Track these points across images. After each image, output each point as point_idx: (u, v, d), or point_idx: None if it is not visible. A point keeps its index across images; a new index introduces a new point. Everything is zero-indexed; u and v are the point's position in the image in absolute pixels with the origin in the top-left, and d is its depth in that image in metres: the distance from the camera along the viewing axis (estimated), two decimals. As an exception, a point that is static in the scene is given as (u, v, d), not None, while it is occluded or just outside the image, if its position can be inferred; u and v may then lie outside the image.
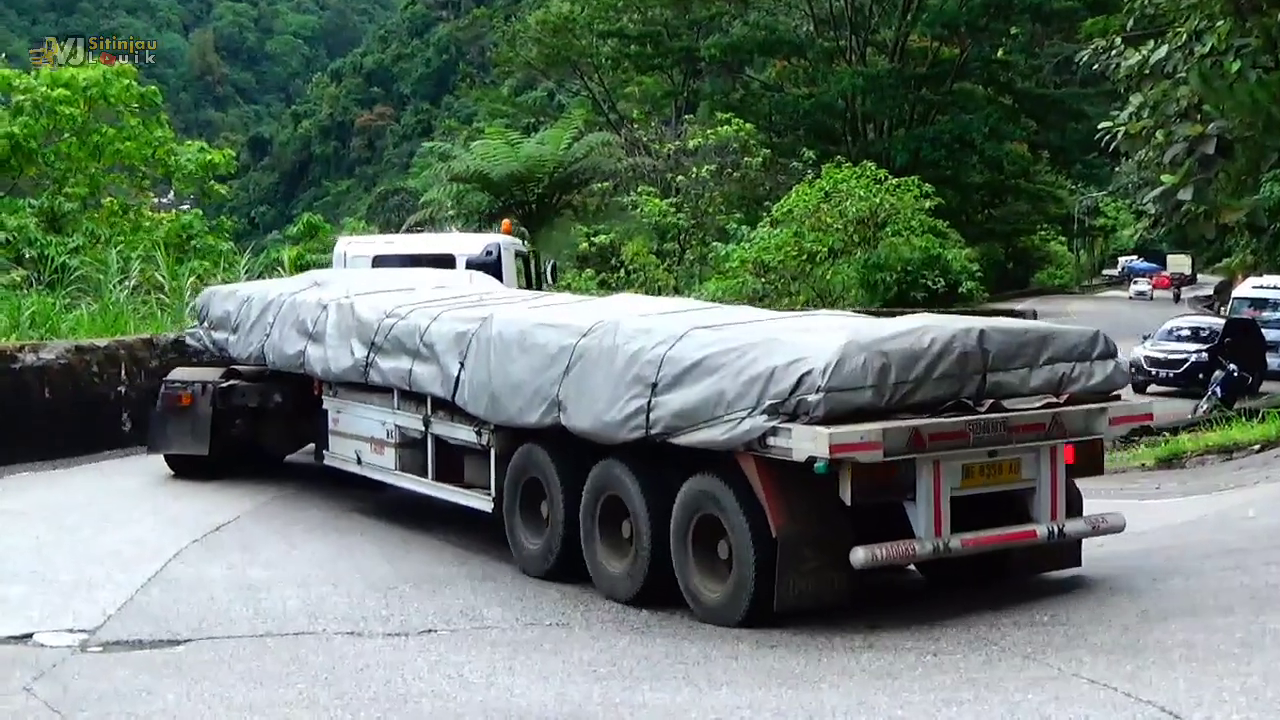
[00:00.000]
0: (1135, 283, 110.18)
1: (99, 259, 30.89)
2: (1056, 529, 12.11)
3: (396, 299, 17.35)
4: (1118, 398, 12.79)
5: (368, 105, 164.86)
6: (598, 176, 51.52)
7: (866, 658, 10.42)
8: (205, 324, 21.05)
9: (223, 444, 19.59)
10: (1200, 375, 38.10)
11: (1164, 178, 31.14)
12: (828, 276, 55.12)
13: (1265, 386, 37.75)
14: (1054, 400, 12.12)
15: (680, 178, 60.65)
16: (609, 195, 55.42)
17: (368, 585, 13.61)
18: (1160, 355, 41.03)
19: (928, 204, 57.88)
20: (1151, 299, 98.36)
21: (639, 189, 58.56)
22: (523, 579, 13.86)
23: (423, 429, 15.97)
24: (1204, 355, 38.96)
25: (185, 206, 49.69)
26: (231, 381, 19.74)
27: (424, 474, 16.05)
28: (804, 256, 54.52)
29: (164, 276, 29.95)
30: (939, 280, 55.19)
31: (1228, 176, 31.35)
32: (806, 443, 10.91)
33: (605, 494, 13.00)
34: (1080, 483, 12.98)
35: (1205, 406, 32.93)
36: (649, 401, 12.21)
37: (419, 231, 40.31)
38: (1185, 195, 30.40)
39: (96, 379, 22.24)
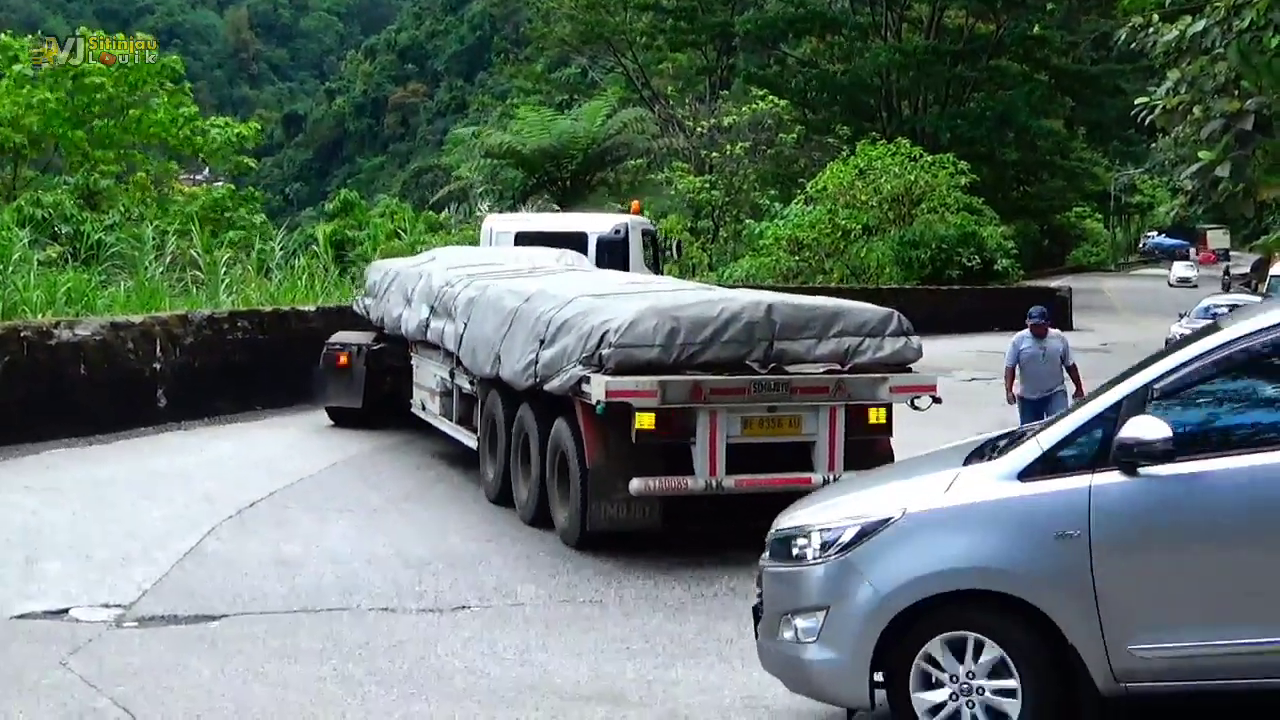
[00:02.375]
0: (1175, 265, 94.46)
1: (135, 235, 30.97)
2: (832, 478, 13.20)
3: (466, 270, 19.43)
4: (909, 370, 14.38)
5: (401, 82, 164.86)
6: (632, 153, 51.47)
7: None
8: (364, 293, 23.66)
9: (373, 398, 22.19)
10: None
11: (1201, 154, 30.86)
12: (862, 254, 55.02)
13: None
14: (836, 368, 13.87)
15: (714, 155, 60.55)
16: (643, 172, 55.35)
17: (402, 562, 13.65)
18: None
19: (962, 181, 57.69)
20: (1196, 286, 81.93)
21: (673, 166, 58.50)
22: (557, 557, 13.89)
23: (450, 380, 18.48)
24: None
25: (219, 184, 49.86)
26: (381, 344, 22.21)
27: (450, 418, 18.67)
28: (838, 234, 54.43)
29: (199, 252, 30.03)
30: (974, 258, 55.02)
31: (1265, 153, 31.13)
32: (597, 389, 13.17)
33: (523, 433, 15.39)
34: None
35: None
36: (536, 355, 14.56)
37: (517, 210, 41.31)
38: (1223, 172, 30.12)
39: (132, 355, 22.31)
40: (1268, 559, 7.31)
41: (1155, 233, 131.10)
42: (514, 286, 16.95)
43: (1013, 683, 7.67)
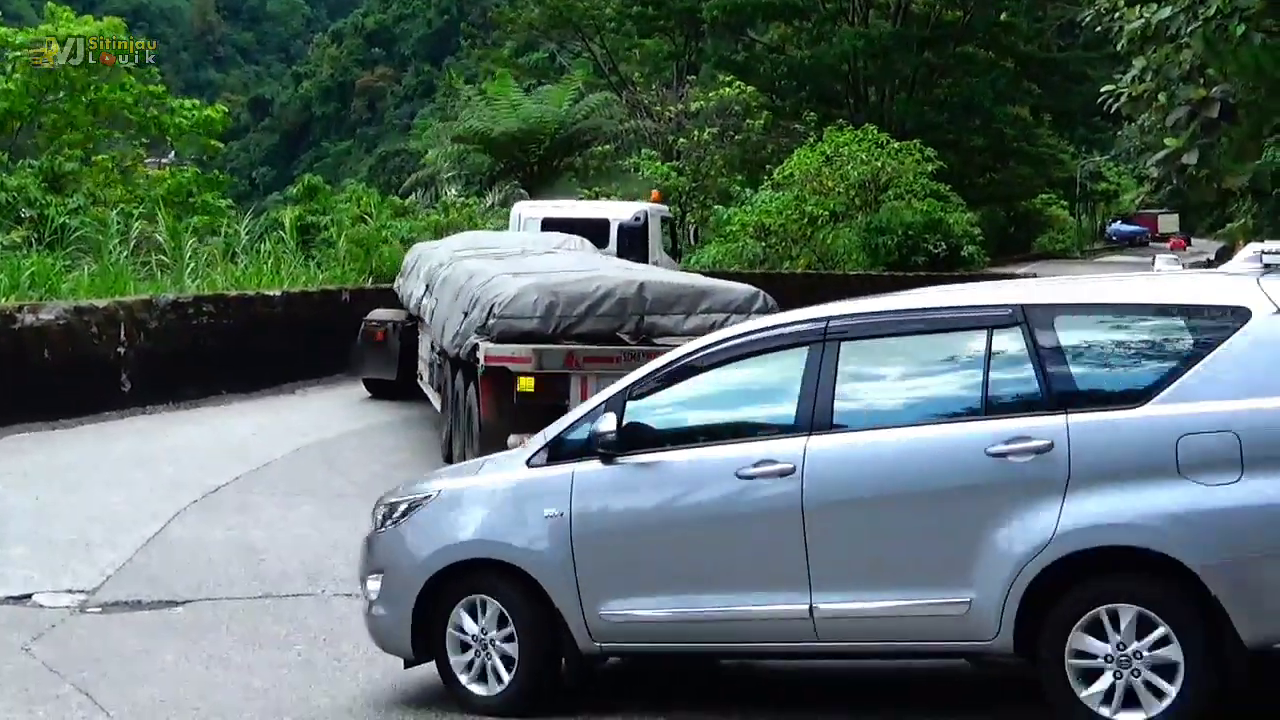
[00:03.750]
0: (1159, 260, 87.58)
1: (99, 219, 30.81)
2: None
3: (465, 251, 20.65)
4: None
5: (368, 66, 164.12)
6: (599, 138, 51.38)
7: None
8: (400, 274, 25.13)
9: (407, 371, 23.44)
10: None
11: (1167, 141, 30.97)
12: (829, 240, 55.02)
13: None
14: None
15: (682, 140, 60.49)
16: (610, 158, 55.28)
17: (367, 547, 13.62)
18: None
19: (929, 168, 57.77)
20: None
21: (641, 151, 58.47)
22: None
23: (432, 351, 20.02)
24: None
25: (185, 166, 49.57)
26: (412, 321, 23.40)
27: (433, 385, 20.19)
28: (805, 220, 54.41)
29: (164, 236, 29.89)
30: (940, 244, 55.12)
31: (1231, 141, 31.22)
32: (482, 355, 15.02)
33: (457, 396, 16.90)
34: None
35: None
36: (460, 325, 16.13)
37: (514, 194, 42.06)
38: (1188, 159, 30.24)
39: (96, 340, 22.21)
40: (706, 538, 8.41)
41: (1118, 220, 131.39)
42: (474, 266, 18.11)
43: (514, 642, 8.88)
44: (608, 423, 8.64)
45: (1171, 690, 7.30)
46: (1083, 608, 7.52)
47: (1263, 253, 8.35)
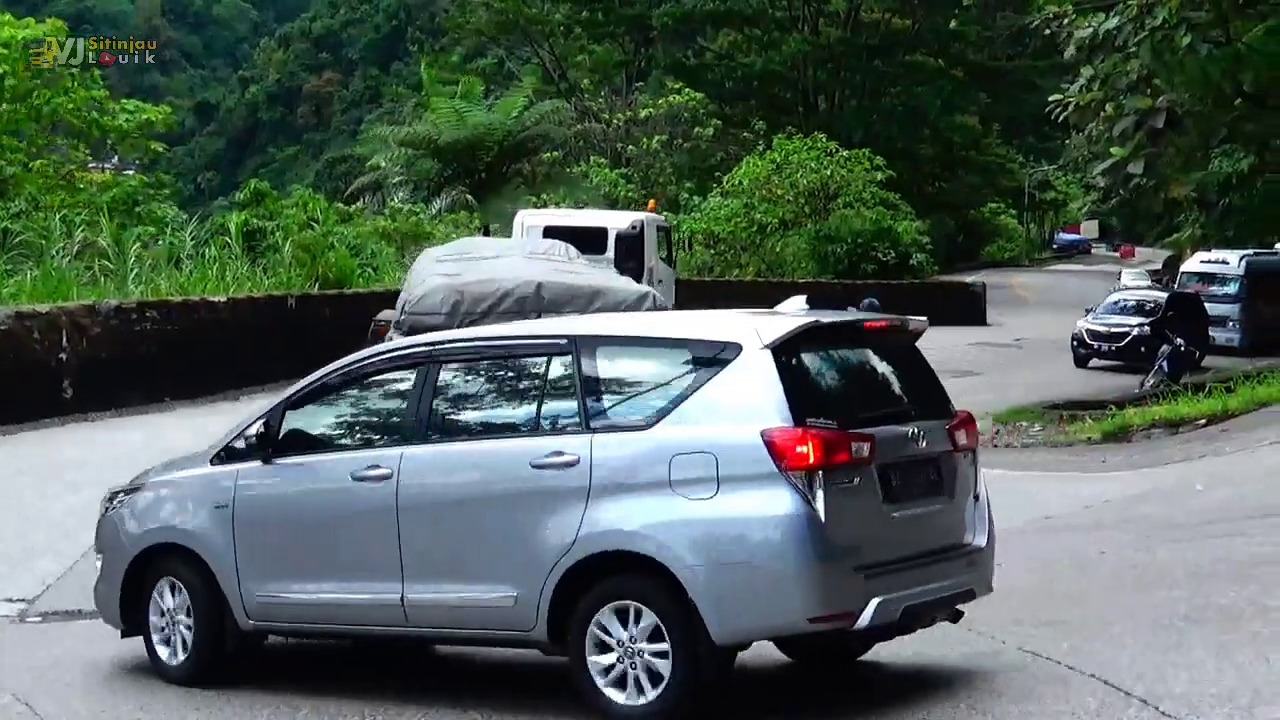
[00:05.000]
0: (1124, 274, 70.91)
1: (41, 224, 30.59)
2: None
3: (446, 256, 20.79)
4: None
5: (316, 71, 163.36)
6: (548, 145, 51.32)
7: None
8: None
9: None
10: (1143, 349, 37.45)
11: (1113, 151, 31.24)
12: (778, 248, 55.20)
13: (1209, 361, 37.81)
14: None
15: (631, 148, 60.53)
16: (559, 164, 55.25)
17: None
18: (1102, 329, 39.06)
19: (878, 176, 57.99)
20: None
21: (590, 159, 58.42)
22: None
23: None
24: (1146, 329, 38.32)
25: (129, 171, 49.23)
26: None
27: None
28: (754, 228, 54.57)
29: (107, 242, 29.70)
30: (889, 252, 55.34)
31: (1177, 151, 31.48)
32: None
33: None
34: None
35: (1152, 381, 32.90)
36: (400, 315, 16.70)
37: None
38: (1135, 169, 30.52)
39: (38, 345, 22.04)
40: (331, 532, 9.54)
41: (1064, 231, 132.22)
42: (420, 267, 18.70)
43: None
44: (260, 428, 9.92)
45: (665, 678, 8.31)
46: (599, 604, 8.52)
47: (807, 299, 9.65)
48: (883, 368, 9.60)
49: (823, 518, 8.17)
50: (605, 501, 8.56)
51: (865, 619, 8.27)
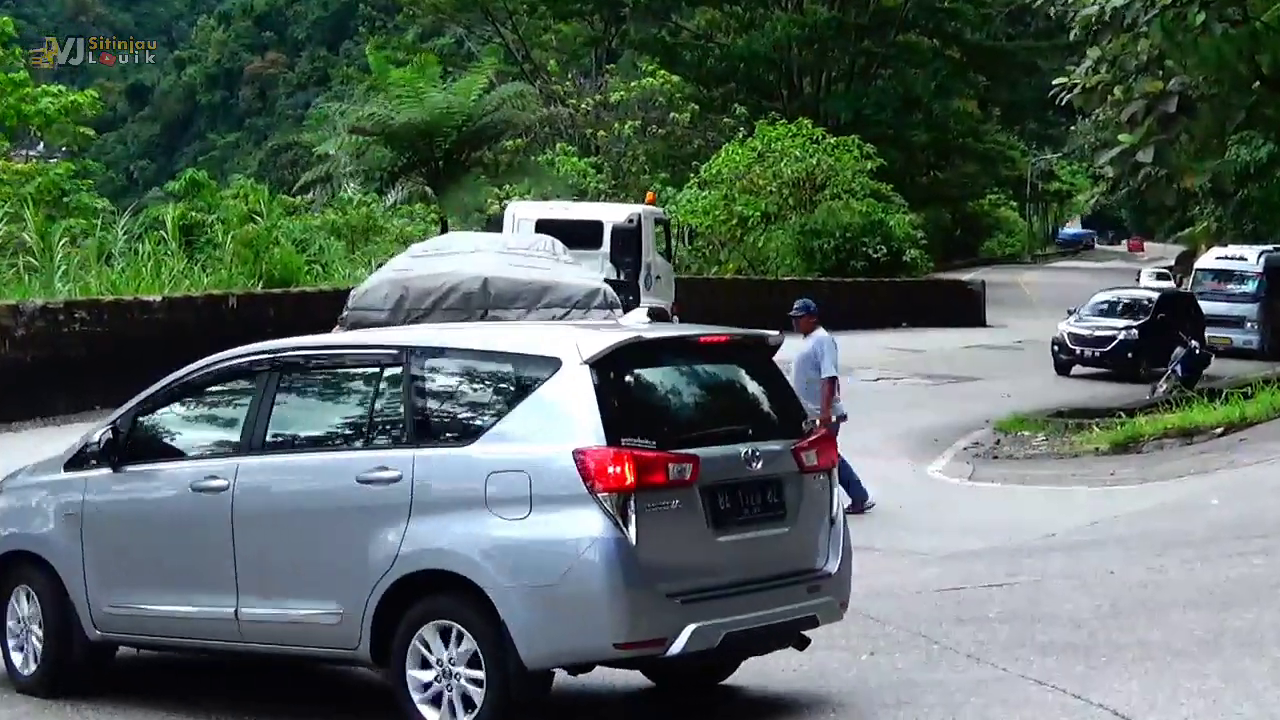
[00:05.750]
0: (1143, 274, 70.00)
1: (-41, 218, 30.47)
2: None
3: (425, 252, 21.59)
4: None
5: (258, 51, 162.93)
6: (511, 132, 51.19)
7: (797, 659, 10.47)
8: None
9: None
10: (1130, 355, 37.09)
11: (1122, 137, 31.27)
12: (760, 243, 55.19)
13: (1225, 365, 37.82)
14: None
15: (601, 134, 60.47)
16: (523, 152, 55.15)
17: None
18: (1085, 332, 38.57)
19: (869, 165, 57.98)
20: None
21: (556, 146, 58.34)
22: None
23: None
24: (1134, 332, 37.92)
25: (55, 159, 49.08)
26: None
27: None
28: (734, 221, 54.55)
29: (32, 237, 29.59)
30: (881, 248, 55.36)
31: (1190, 137, 31.53)
32: None
33: None
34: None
35: (1164, 387, 32.88)
36: (344, 312, 17.06)
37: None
38: (1144, 157, 30.54)
39: (-44, 349, 21.97)
40: (171, 543, 9.94)
41: (1075, 224, 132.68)
42: (392, 264, 19.00)
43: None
44: (109, 434, 10.28)
45: (479, 701, 8.65)
46: (419, 624, 8.87)
47: (650, 309, 9.87)
48: (722, 384, 9.90)
49: (634, 541, 8.46)
50: (426, 519, 8.90)
51: (678, 646, 8.54)
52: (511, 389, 9.08)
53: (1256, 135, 42.21)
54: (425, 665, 8.80)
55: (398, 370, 9.42)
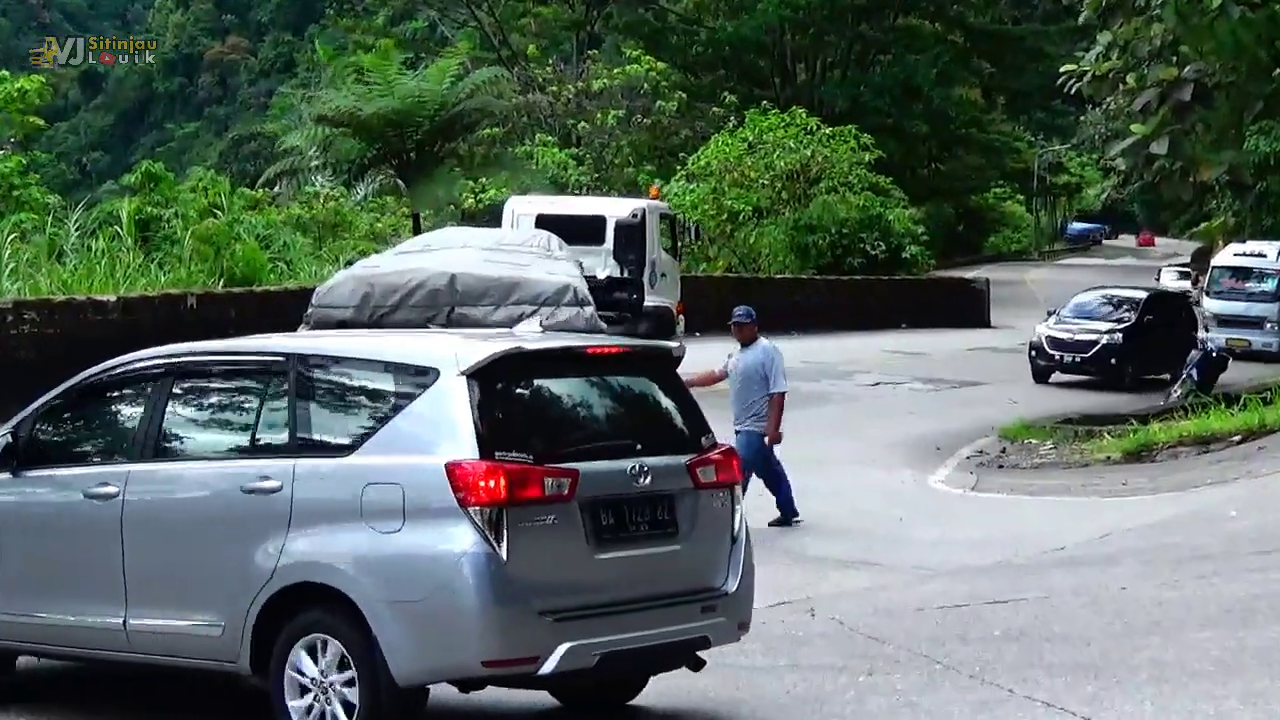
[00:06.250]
0: (1164, 274, 70.19)
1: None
2: None
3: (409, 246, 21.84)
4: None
5: (219, 36, 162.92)
6: (487, 121, 51.14)
7: (791, 679, 10.46)
8: None
9: None
10: (1114, 360, 36.06)
11: (1134, 128, 31.32)
12: (751, 240, 55.21)
13: (1245, 370, 37.70)
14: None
15: (583, 124, 60.46)
16: (500, 143, 55.11)
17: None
18: (1065, 336, 37.04)
19: (867, 157, 58.03)
20: (1197, 301, 50.42)
21: (535, 137, 58.32)
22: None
23: None
24: (1119, 336, 37.18)
25: (2, 151, 48.97)
26: None
27: None
28: (724, 216, 54.57)
29: (-23, 233, 29.56)
30: (879, 244, 55.39)
31: (1206, 127, 31.57)
32: None
33: None
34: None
35: (1179, 392, 32.78)
36: (308, 309, 16.91)
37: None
38: (1158, 148, 30.56)
39: (-103, 353, 21.90)
40: (63, 551, 10.13)
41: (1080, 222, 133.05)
42: (370, 262, 19.43)
43: None
44: (4, 440, 10.56)
45: (352, 717, 8.87)
46: (296, 636, 9.10)
47: (543, 321, 10.82)
48: (612, 397, 10.13)
49: (505, 557, 8.70)
50: (305, 531, 9.14)
51: (550, 665, 8.76)
52: (392, 399, 9.33)
53: (1276, 125, 42.26)
54: (302, 680, 9.01)
55: (284, 378, 9.73)
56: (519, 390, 9.42)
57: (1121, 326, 37.24)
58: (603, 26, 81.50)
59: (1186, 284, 57.09)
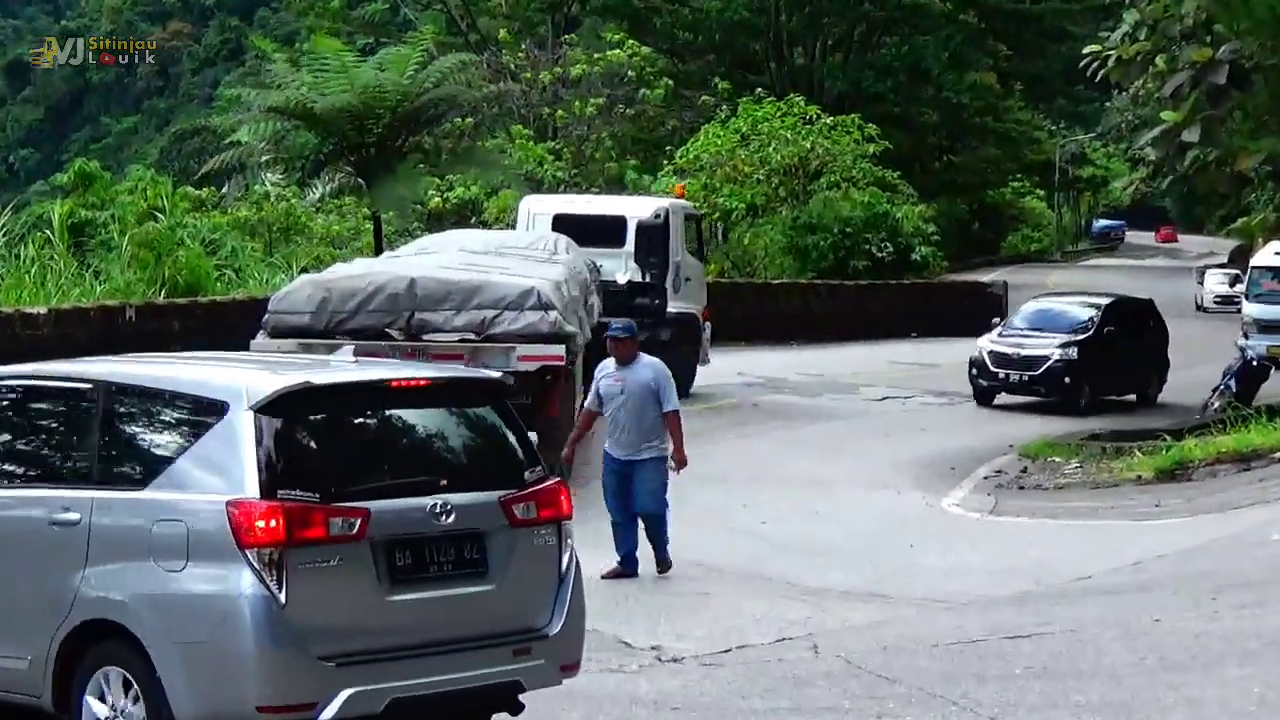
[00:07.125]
0: (1208, 278, 69.73)
1: None
2: None
3: (404, 250, 23.90)
4: (541, 340, 19.11)
5: (159, 21, 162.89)
6: (454, 113, 51.15)
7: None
8: None
9: None
10: (1067, 379, 34.13)
11: (1164, 114, 31.38)
12: (746, 241, 55.22)
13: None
14: (472, 337, 18.88)
15: (560, 115, 60.46)
16: (469, 137, 55.09)
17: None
18: (1010, 351, 34.97)
19: (871, 149, 58.05)
20: (1239, 309, 50.13)
21: (509, 129, 58.30)
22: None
23: None
24: (1073, 350, 34.44)
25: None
26: None
27: None
28: (716, 215, 54.58)
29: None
30: (886, 245, 55.33)
31: (1244, 113, 31.61)
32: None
33: None
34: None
35: (1217, 404, 32.69)
36: (265, 315, 19.20)
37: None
38: (1191, 136, 30.63)
39: None
40: None
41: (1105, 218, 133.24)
42: (338, 269, 20.96)
43: None
44: None
45: None
46: (92, 671, 9.53)
47: (356, 350, 11.37)
48: (417, 431, 10.39)
49: (283, 600, 9.04)
50: (101, 565, 9.53)
51: (330, 711, 9.08)
52: (187, 431, 9.71)
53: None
54: (98, 717, 9.45)
55: (90, 406, 10.13)
56: (310, 426, 9.67)
57: (1077, 339, 35.19)
58: (580, 8, 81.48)
59: (1238, 289, 54.99)
